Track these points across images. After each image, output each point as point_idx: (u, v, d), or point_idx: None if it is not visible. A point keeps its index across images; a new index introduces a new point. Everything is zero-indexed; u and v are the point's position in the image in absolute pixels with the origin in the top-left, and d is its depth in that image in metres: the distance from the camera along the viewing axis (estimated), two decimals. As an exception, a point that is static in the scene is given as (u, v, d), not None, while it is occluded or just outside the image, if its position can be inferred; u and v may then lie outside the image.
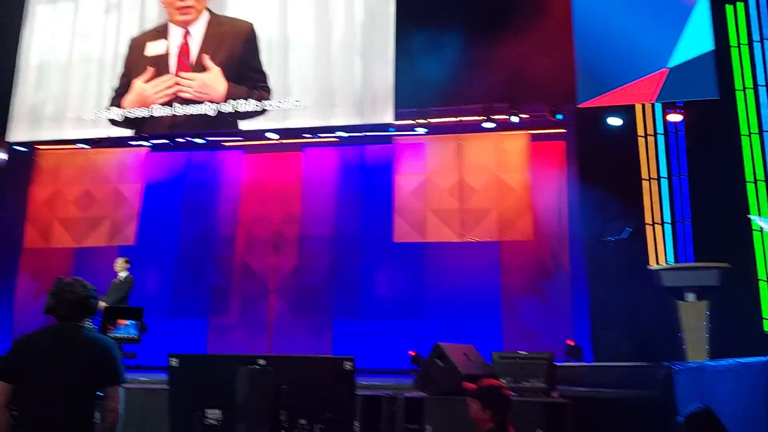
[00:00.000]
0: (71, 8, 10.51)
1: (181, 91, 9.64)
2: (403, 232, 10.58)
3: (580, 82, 8.34)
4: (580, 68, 8.35)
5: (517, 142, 10.52)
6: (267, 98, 9.46)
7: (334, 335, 10.60)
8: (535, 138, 10.48)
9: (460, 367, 5.68)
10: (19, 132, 10.35)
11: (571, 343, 8.98)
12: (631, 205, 8.76)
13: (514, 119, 10.03)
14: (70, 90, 10.19)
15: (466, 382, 4.02)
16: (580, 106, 8.41)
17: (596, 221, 8.88)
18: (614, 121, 9.14)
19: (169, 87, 9.72)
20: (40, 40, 10.53)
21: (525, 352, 6.39)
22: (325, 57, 9.47)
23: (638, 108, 9.00)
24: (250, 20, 9.76)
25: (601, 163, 9.03)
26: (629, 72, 8.35)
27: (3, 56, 10.50)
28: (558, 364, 6.81)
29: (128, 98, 9.92)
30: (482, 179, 10.52)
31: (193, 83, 9.61)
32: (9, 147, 10.99)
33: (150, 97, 9.81)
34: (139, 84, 9.89)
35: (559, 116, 9.88)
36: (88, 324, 3.22)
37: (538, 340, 9.58)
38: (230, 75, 9.58)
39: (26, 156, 11.52)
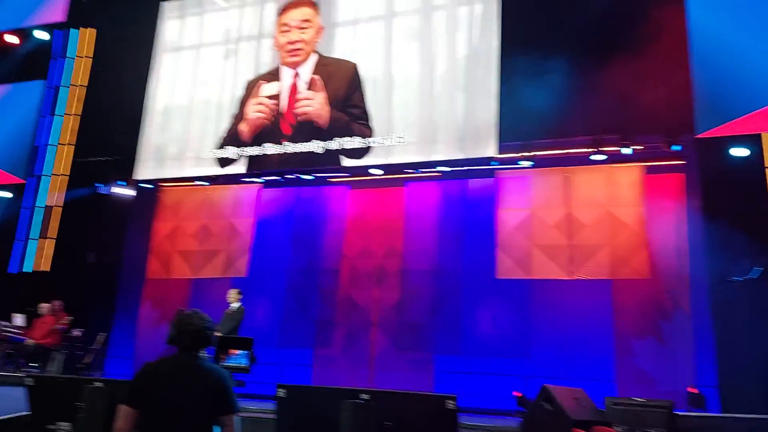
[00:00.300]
0: (193, 55, 11.37)
1: (305, 106, 10.01)
2: (506, 268, 10.31)
3: (699, 110, 7.85)
4: (699, 96, 7.86)
5: (629, 175, 10.01)
6: (369, 135, 9.66)
7: (436, 372, 10.43)
8: (649, 170, 9.94)
9: (570, 412, 5.37)
10: (145, 170, 11.21)
11: (694, 390, 8.28)
12: (760, 242, 8.04)
13: (626, 151, 9.60)
14: (190, 131, 10.93)
15: (576, 428, 3.79)
16: (700, 136, 7.89)
17: (721, 259, 8.22)
18: (739, 152, 8.51)
19: (275, 105, 10.19)
20: (165, 86, 11.42)
21: (642, 399, 5.96)
22: (428, 93, 9.58)
23: (766, 137, 8.33)
24: (355, 61, 10.09)
25: (725, 196, 8.41)
26: (754, 99, 7.77)
27: (135, 102, 11.47)
28: (679, 413, 6.29)
29: (242, 125, 10.45)
30: (592, 214, 10.07)
31: (312, 102, 9.96)
32: (136, 185, 11.94)
33: (250, 112, 10.33)
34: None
35: (676, 147, 9.34)
36: (203, 354, 3.36)
37: (655, 386, 8.93)
38: (331, 121, 9.90)
39: (151, 193, 12.45)
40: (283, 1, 10.73)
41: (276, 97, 10.29)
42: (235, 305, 9.40)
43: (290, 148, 10.07)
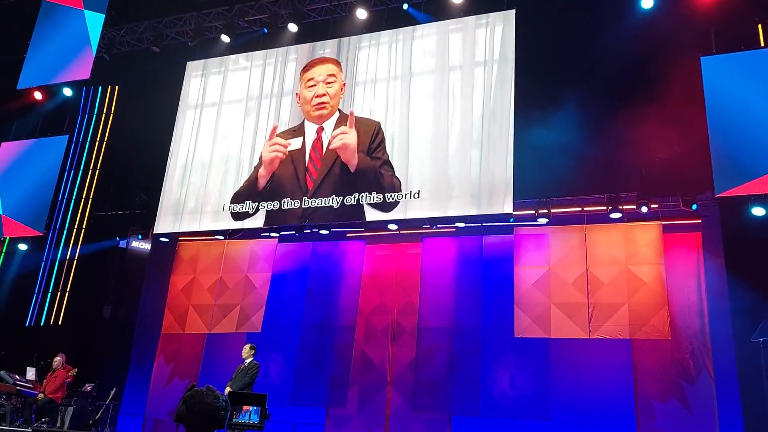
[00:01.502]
0: (214, 112, 11.57)
1: (341, 139, 10.01)
2: (524, 326, 10.17)
3: (718, 170, 7.84)
4: (717, 155, 7.87)
5: (647, 233, 9.99)
6: (399, 188, 9.61)
7: (453, 433, 10.18)
8: (667, 229, 9.91)
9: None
10: (164, 224, 11.20)
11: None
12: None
13: (643, 209, 9.61)
14: (209, 185, 11.01)
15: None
16: (720, 195, 7.87)
17: (744, 320, 8.08)
18: (759, 212, 8.46)
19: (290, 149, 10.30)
20: (186, 141, 11.56)
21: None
22: (444, 150, 9.64)
23: (786, 197, 8.29)
24: (375, 118, 10.21)
25: (747, 255, 8.34)
26: (773, 158, 7.76)
27: (155, 157, 11.65)
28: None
29: (260, 171, 10.53)
30: (611, 272, 9.99)
31: (347, 136, 10.00)
32: (154, 239, 12.00)
33: (266, 153, 10.48)
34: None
35: (694, 206, 9.33)
36: None
37: (680, 453, 8.65)
38: (354, 175, 9.87)
39: (168, 247, 12.49)
40: (305, 58, 10.99)
41: (300, 152, 10.36)
42: (249, 361, 9.28)
43: (308, 202, 10.06)
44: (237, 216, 10.50)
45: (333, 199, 9.80)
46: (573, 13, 9.52)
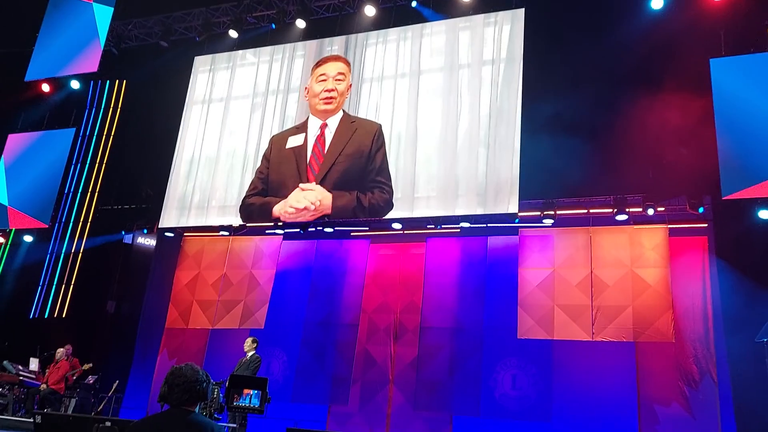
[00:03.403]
0: (221, 107, 11.58)
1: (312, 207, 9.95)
2: (527, 327, 10.13)
3: (725, 173, 7.78)
4: (724, 158, 7.81)
5: (653, 236, 9.93)
6: (389, 199, 9.59)
7: (454, 433, 10.15)
8: (673, 232, 9.84)
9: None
10: (168, 219, 11.23)
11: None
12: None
13: (650, 212, 9.55)
14: (215, 181, 11.03)
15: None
16: (726, 198, 7.81)
17: (748, 323, 7.99)
18: (766, 215, 8.39)
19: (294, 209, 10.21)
20: (193, 136, 11.59)
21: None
22: (451, 148, 9.61)
23: (794, 200, 8.21)
24: (380, 115, 10.18)
25: (752, 259, 8.26)
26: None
27: (162, 151, 11.66)
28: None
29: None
30: (615, 274, 9.94)
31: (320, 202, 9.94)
32: (159, 233, 12.01)
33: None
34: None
35: (701, 209, 9.26)
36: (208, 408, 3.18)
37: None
38: (353, 175, 9.88)
39: (173, 242, 12.50)
40: (312, 55, 10.97)
41: (302, 147, 10.35)
42: (251, 354, 9.29)
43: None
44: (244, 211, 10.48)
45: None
46: (581, 13, 9.47)
